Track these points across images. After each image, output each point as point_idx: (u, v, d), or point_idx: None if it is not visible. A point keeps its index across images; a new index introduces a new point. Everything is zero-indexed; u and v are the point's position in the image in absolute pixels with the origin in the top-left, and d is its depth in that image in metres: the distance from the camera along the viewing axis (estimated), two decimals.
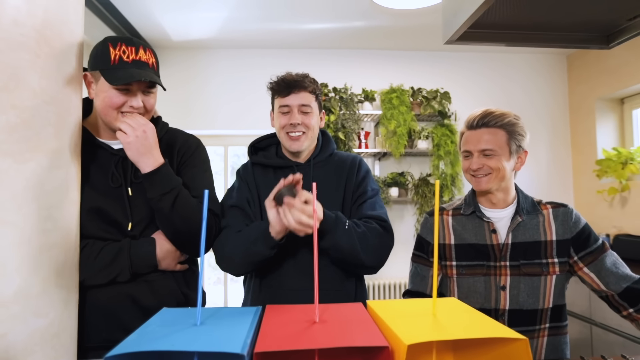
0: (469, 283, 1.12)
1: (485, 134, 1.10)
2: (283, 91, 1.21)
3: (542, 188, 3.50)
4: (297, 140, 1.20)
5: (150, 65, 1.02)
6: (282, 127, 1.21)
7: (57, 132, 0.87)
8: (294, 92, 1.20)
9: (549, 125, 3.58)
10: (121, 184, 1.03)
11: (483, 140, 1.10)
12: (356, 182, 1.24)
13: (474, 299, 1.10)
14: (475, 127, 1.12)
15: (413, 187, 3.31)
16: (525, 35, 0.95)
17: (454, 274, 1.15)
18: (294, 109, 1.20)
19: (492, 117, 1.10)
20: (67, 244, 0.89)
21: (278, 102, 1.23)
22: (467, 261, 1.13)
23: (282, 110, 1.21)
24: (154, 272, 1.03)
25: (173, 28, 3.08)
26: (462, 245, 1.15)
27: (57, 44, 0.87)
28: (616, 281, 1.05)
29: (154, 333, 0.57)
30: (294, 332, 0.58)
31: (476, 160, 1.11)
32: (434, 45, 3.40)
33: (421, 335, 0.55)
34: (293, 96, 1.20)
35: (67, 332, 0.89)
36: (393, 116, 3.21)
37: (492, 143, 1.09)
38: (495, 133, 1.10)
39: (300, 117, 1.20)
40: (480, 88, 3.53)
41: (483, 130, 1.11)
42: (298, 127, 1.20)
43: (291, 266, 1.16)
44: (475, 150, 1.11)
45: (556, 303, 1.08)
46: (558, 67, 3.63)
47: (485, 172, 1.11)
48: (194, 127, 3.38)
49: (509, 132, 1.10)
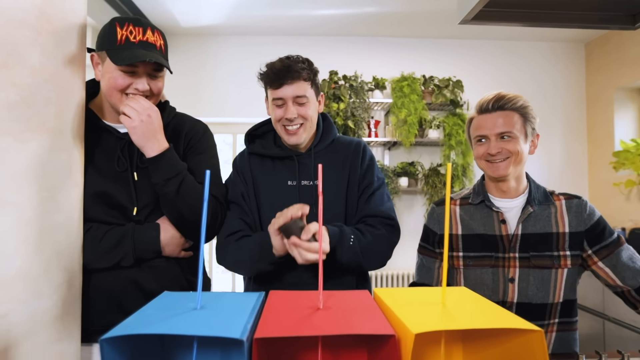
0: (476, 275, 1.09)
1: (500, 117, 1.06)
2: (274, 82, 1.10)
3: (555, 180, 3.42)
4: (295, 134, 1.13)
5: (158, 47, 0.99)
6: (278, 120, 1.14)
7: (59, 112, 0.85)
8: (287, 83, 1.09)
9: (564, 116, 3.49)
10: (127, 168, 1.02)
11: (499, 123, 1.06)
12: (361, 171, 1.19)
13: (481, 291, 1.07)
14: (491, 110, 1.08)
15: (423, 177, 3.27)
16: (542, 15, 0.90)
17: (461, 265, 1.11)
18: (289, 101, 1.11)
19: (506, 99, 1.07)
20: (69, 226, 0.88)
21: (271, 95, 1.13)
22: (474, 252, 1.10)
23: (275, 103, 1.12)
24: (158, 258, 1.02)
25: (182, 14, 3.05)
26: (469, 236, 1.11)
27: (59, 22, 0.85)
28: (633, 276, 1.01)
29: (152, 316, 0.55)
30: (297, 318, 0.56)
31: (494, 145, 1.06)
32: (447, 32, 3.31)
33: (430, 325, 0.52)
34: (286, 87, 1.10)
35: (70, 315, 0.88)
36: (404, 105, 3.15)
37: (510, 125, 1.05)
38: (511, 116, 1.06)
39: (295, 109, 1.11)
40: (493, 77, 3.44)
41: (498, 113, 1.07)
42: (295, 120, 1.12)
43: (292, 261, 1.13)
44: (492, 134, 1.07)
45: (567, 298, 1.05)
46: (575, 56, 3.52)
47: (503, 157, 1.06)
48: (203, 114, 3.35)
49: (523, 114, 1.07)
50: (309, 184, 1.16)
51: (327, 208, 1.14)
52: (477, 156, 1.12)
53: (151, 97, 1.01)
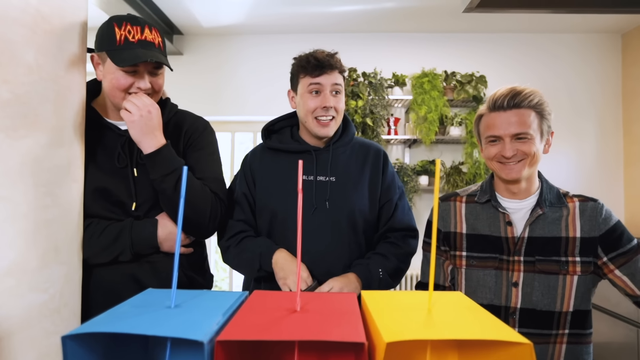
0: (478, 276, 1.03)
1: (515, 116, 0.97)
2: (314, 70, 1.12)
3: (587, 181, 3.23)
4: (327, 126, 1.14)
5: (157, 45, 1.00)
6: (311, 111, 1.13)
7: (57, 110, 0.87)
8: (327, 72, 1.12)
9: (598, 111, 3.29)
10: (127, 164, 1.03)
11: (515, 123, 0.97)
12: (384, 181, 1.22)
13: (483, 294, 1.02)
14: (506, 108, 0.98)
15: (444, 176, 3.17)
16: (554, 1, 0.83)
17: (463, 265, 1.06)
18: (326, 89, 1.12)
19: (522, 96, 0.97)
20: (68, 221, 0.90)
21: (307, 81, 1.13)
22: (478, 252, 1.04)
23: (311, 89, 1.13)
24: (157, 254, 1.03)
25: (202, 14, 3.10)
26: (473, 236, 1.05)
27: (57, 21, 0.87)
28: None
29: (123, 313, 0.55)
30: (268, 320, 0.54)
31: (509, 146, 0.97)
32: (469, 26, 3.20)
33: (405, 333, 0.49)
34: (326, 75, 1.12)
35: (69, 308, 0.90)
36: (424, 101, 3.07)
37: (526, 125, 0.96)
38: (528, 114, 0.97)
39: (332, 99, 1.13)
40: (520, 71, 3.29)
41: (513, 111, 0.97)
42: (330, 111, 1.13)
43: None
44: (507, 135, 0.98)
45: (578, 307, 0.97)
46: (611, 47, 3.30)
47: (518, 159, 0.98)
48: (224, 113, 3.41)
49: (540, 112, 0.98)
50: (324, 179, 1.17)
51: (351, 202, 1.17)
52: (489, 157, 1.03)
53: (153, 94, 1.02)
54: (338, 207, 1.15)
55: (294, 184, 1.17)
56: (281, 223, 1.15)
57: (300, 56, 1.17)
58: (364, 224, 1.18)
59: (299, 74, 1.16)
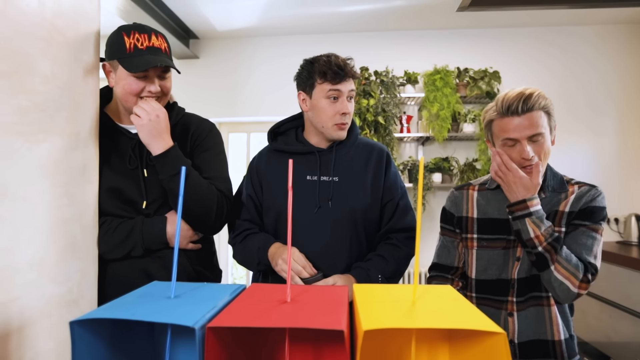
0: (488, 255, 1.12)
1: (528, 119, 1.02)
2: (335, 77, 1.14)
3: (606, 178, 3.14)
4: (345, 130, 1.21)
5: (163, 50, 1.06)
6: (331, 117, 1.17)
7: (72, 116, 0.93)
8: (346, 79, 1.16)
9: (618, 103, 3.19)
10: (137, 165, 1.09)
11: (530, 125, 1.02)
12: (387, 181, 1.24)
13: (492, 270, 1.11)
14: (520, 113, 1.02)
15: (458, 173, 3.15)
16: None
17: (475, 246, 1.14)
18: (344, 96, 1.17)
19: (533, 100, 1.02)
20: (84, 220, 0.97)
21: (326, 87, 1.16)
22: (488, 234, 1.13)
23: (330, 94, 1.16)
24: (167, 249, 1.09)
25: (216, 18, 3.17)
26: (484, 220, 1.14)
27: (71, 33, 0.93)
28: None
29: (127, 302, 0.59)
30: (258, 310, 0.57)
31: (528, 149, 1.02)
32: (481, 22, 3.16)
33: (383, 322, 0.52)
34: (345, 83, 1.16)
35: (85, 300, 0.97)
36: (436, 99, 3.06)
37: (540, 127, 1.03)
38: (539, 116, 1.03)
39: (349, 105, 1.19)
40: (535, 65, 3.22)
41: (527, 115, 1.02)
42: (346, 117, 1.19)
43: None
44: (523, 138, 1.03)
45: None
46: (632, 37, 3.20)
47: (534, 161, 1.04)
48: (241, 114, 3.49)
49: (547, 112, 1.05)
50: (328, 179, 1.20)
51: (353, 201, 1.20)
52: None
53: (162, 97, 1.08)
54: (341, 207, 1.18)
55: (300, 184, 1.21)
56: (285, 223, 1.19)
57: (318, 61, 1.17)
58: (366, 223, 1.21)
59: (315, 78, 1.17)
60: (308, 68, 1.19)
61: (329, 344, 0.66)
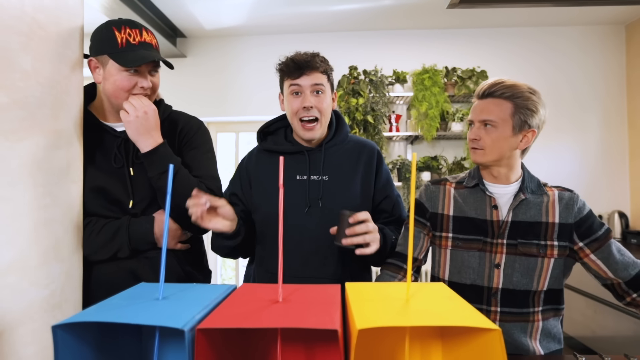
0: (463, 257, 1.07)
1: (489, 104, 1.03)
2: (294, 72, 1.15)
3: (592, 171, 3.21)
4: (312, 130, 1.17)
5: (154, 46, 1.04)
6: (295, 113, 1.17)
7: (55, 113, 0.90)
8: (306, 73, 1.15)
9: (602, 102, 3.25)
10: (123, 164, 1.07)
11: (486, 110, 1.03)
12: (380, 180, 1.24)
13: (467, 274, 1.06)
14: (482, 97, 1.06)
15: (447, 172, 3.17)
16: None
17: (449, 246, 1.09)
18: (306, 90, 1.15)
19: (500, 86, 1.02)
20: (67, 220, 0.94)
21: (288, 83, 1.17)
22: (463, 234, 1.08)
23: (292, 90, 1.16)
24: (155, 249, 1.06)
25: (204, 16, 3.14)
26: (460, 218, 1.09)
27: (53, 28, 0.90)
28: (624, 268, 0.99)
29: (113, 305, 0.57)
30: (249, 310, 0.56)
31: (475, 131, 1.06)
32: (468, 21, 3.19)
33: (377, 321, 0.51)
34: (305, 77, 1.15)
35: (70, 304, 0.94)
36: (425, 98, 3.07)
37: (494, 114, 1.02)
38: (500, 104, 1.02)
39: (313, 99, 1.15)
40: (521, 65, 3.27)
41: (489, 100, 1.04)
42: (311, 111, 1.15)
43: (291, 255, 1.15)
44: (477, 120, 1.06)
45: (551, 287, 1.03)
46: (615, 39, 3.27)
47: (480, 145, 1.05)
48: (229, 113, 3.45)
49: (516, 104, 1.01)
50: (317, 178, 1.20)
51: (343, 200, 1.18)
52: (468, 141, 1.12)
53: (150, 94, 1.06)
54: (331, 205, 1.18)
55: (291, 182, 1.20)
56: (275, 222, 1.17)
57: (280, 60, 1.20)
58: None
59: (282, 78, 1.20)
60: (278, 69, 1.21)
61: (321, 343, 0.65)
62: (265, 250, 1.20)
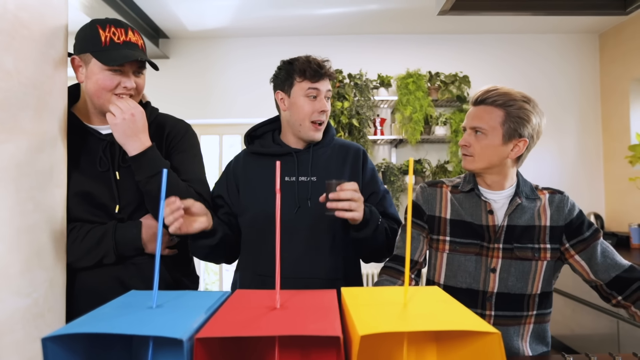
0: (459, 261, 1.07)
1: (481, 112, 1.05)
2: (314, 75, 1.16)
3: (569, 175, 3.31)
4: (320, 130, 1.21)
5: (140, 46, 1.02)
6: (309, 115, 1.17)
7: (39, 115, 0.87)
8: (324, 78, 1.18)
9: (576, 109, 3.37)
10: (109, 167, 1.04)
11: (477, 117, 1.05)
12: (365, 178, 1.25)
13: (463, 278, 1.07)
14: (475, 104, 1.07)
15: (430, 175, 3.21)
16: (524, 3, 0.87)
17: (446, 250, 1.09)
18: (322, 94, 1.18)
19: (492, 94, 1.04)
20: (51, 226, 0.90)
21: (305, 85, 1.17)
22: (461, 238, 1.08)
23: (309, 93, 1.17)
24: (142, 255, 1.03)
25: (188, 17, 3.09)
26: (457, 221, 1.09)
27: (36, 27, 0.87)
28: (605, 270, 1.01)
29: (105, 315, 0.55)
30: (247, 318, 0.55)
31: (465, 137, 1.07)
32: (453, 27, 3.25)
33: (379, 326, 0.51)
34: (323, 82, 1.18)
35: (53, 313, 0.90)
36: (409, 102, 3.11)
37: (484, 121, 1.03)
38: (491, 112, 1.03)
39: (327, 104, 1.20)
40: (502, 71, 3.35)
41: (481, 107, 1.05)
42: (324, 115, 1.19)
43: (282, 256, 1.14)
44: (468, 127, 1.07)
45: (544, 290, 1.05)
46: (589, 47, 3.39)
47: (469, 152, 1.06)
48: (212, 116, 3.41)
49: (508, 112, 1.02)
50: (306, 179, 1.20)
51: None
52: None
53: (135, 95, 1.04)
54: (320, 206, 1.18)
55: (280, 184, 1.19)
56: (264, 224, 1.17)
57: (297, 60, 1.20)
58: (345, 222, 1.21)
59: (294, 77, 1.18)
60: (287, 68, 1.21)
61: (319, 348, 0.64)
62: (253, 253, 1.19)
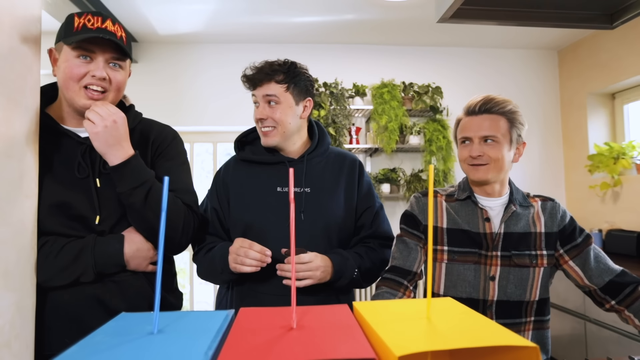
0: (459, 270, 1.06)
1: (486, 120, 1.04)
2: (249, 85, 1.15)
3: (534, 184, 3.47)
4: (267, 136, 1.14)
5: (119, 36, 0.93)
6: (255, 122, 1.18)
7: (7, 117, 0.78)
8: (259, 85, 1.13)
9: (540, 120, 3.55)
10: (88, 174, 0.94)
11: (485, 126, 1.04)
12: (361, 191, 1.22)
13: (462, 288, 1.06)
14: (477, 113, 1.06)
15: (405, 183, 3.25)
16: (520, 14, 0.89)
17: (445, 259, 1.08)
18: (261, 101, 1.14)
19: (494, 102, 1.05)
20: (19, 242, 0.80)
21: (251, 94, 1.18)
22: (459, 247, 1.07)
23: (253, 100, 1.17)
24: (124, 272, 0.94)
25: (159, 20, 2.97)
26: (454, 230, 1.09)
27: (7, 19, 0.78)
28: (598, 275, 1.03)
29: (98, 344, 0.48)
30: (266, 341, 0.50)
31: (477, 147, 1.05)
32: (425, 39, 3.34)
33: (414, 345, 0.47)
34: (259, 89, 1.14)
35: (21, 340, 0.80)
36: (384, 111, 3.14)
37: (494, 130, 1.04)
38: (497, 120, 1.04)
39: (266, 110, 1.12)
40: (472, 83, 3.48)
41: (484, 116, 1.05)
42: (266, 122, 1.13)
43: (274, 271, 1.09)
44: (476, 137, 1.05)
45: (542, 296, 1.06)
46: (549, 62, 3.60)
47: (484, 161, 1.05)
48: (183, 123, 3.28)
49: (510, 120, 1.05)
50: (299, 190, 1.15)
51: (327, 213, 1.15)
52: (461, 159, 1.10)
53: (110, 91, 0.95)
54: (314, 218, 1.14)
55: (270, 196, 1.14)
56: (256, 235, 1.11)
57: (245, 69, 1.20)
58: (340, 234, 1.18)
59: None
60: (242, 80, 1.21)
61: None
62: None
